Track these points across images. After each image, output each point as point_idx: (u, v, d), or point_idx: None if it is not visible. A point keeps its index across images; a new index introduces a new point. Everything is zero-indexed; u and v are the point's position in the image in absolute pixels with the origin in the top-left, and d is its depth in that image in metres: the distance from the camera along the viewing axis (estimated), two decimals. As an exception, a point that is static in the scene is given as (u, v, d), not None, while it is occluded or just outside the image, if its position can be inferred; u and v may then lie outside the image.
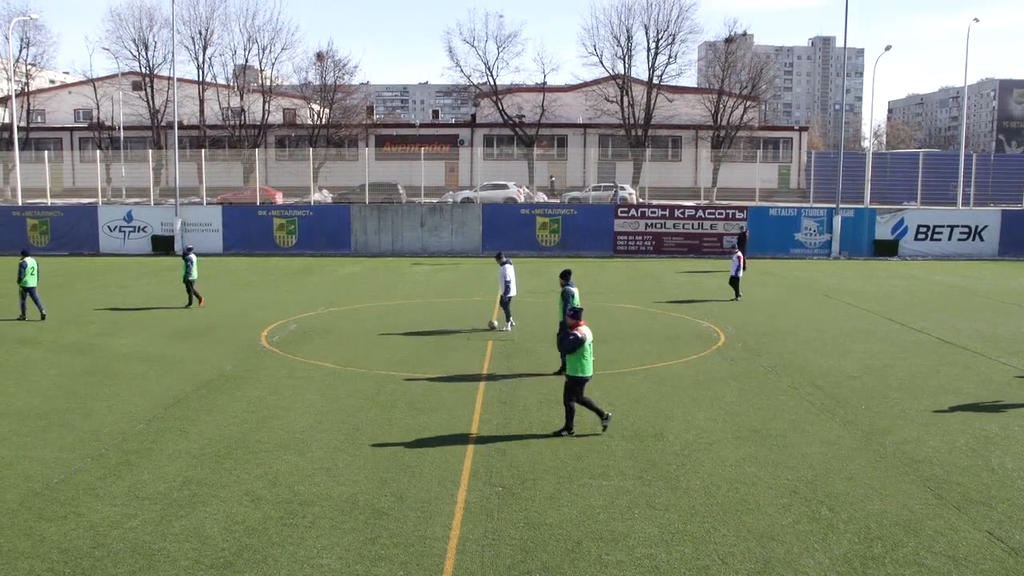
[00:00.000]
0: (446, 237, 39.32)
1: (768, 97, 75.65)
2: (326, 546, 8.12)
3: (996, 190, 46.85)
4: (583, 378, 11.50)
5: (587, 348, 11.42)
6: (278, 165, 56.94)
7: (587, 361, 11.45)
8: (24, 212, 39.73)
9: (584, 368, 11.45)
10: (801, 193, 55.31)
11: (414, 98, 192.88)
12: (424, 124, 70.14)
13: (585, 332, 11.43)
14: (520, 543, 8.22)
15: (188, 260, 22.62)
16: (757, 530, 8.52)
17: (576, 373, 11.48)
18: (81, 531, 8.42)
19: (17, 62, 56.76)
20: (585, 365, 11.44)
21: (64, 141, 63.10)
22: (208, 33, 55.93)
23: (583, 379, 11.50)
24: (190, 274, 22.59)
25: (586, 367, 11.46)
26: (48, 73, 74.54)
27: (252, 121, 56.95)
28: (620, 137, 57.90)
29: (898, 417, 12.54)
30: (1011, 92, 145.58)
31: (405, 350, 17.19)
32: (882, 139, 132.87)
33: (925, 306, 23.64)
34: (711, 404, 13.17)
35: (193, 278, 22.64)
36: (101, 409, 12.79)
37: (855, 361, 16.36)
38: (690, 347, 17.68)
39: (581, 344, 11.31)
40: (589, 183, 53.94)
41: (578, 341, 11.29)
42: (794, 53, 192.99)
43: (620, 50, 57.01)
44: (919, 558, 7.95)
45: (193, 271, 22.64)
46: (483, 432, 11.65)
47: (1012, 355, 16.98)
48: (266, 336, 18.71)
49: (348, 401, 13.26)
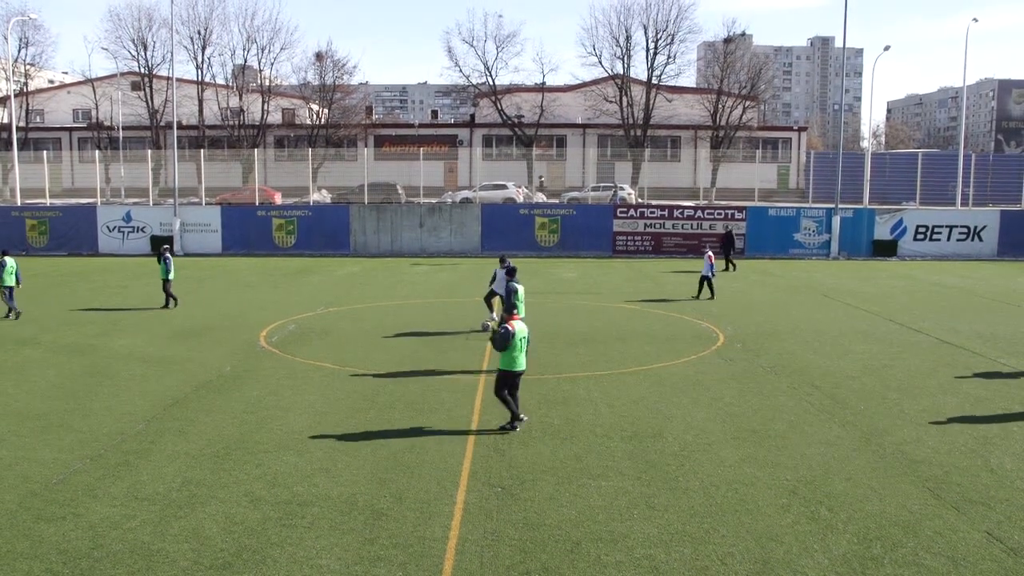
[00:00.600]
0: (445, 237, 39.32)
1: (767, 97, 75.71)
2: (325, 547, 8.12)
3: (995, 190, 46.89)
4: (511, 372, 11.58)
5: (518, 343, 11.50)
6: (277, 165, 56.92)
7: (518, 356, 11.54)
8: (23, 212, 39.71)
9: (514, 363, 11.55)
10: (800, 193, 55.32)
11: (413, 98, 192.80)
12: (423, 124, 70.14)
13: (518, 327, 11.53)
14: (519, 544, 8.22)
15: (166, 260, 22.51)
16: (756, 530, 8.53)
17: (505, 367, 11.58)
18: (80, 532, 8.42)
19: (16, 62, 56.67)
20: (515, 360, 11.54)
21: (63, 141, 63.04)
22: (207, 33, 55.93)
23: (511, 373, 11.59)
24: (168, 273, 22.44)
25: (516, 362, 11.55)
26: (47, 73, 74.43)
27: (251, 121, 56.92)
28: (619, 137, 57.90)
29: (897, 418, 12.54)
30: (1010, 92, 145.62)
31: (404, 350, 17.19)
32: (881, 139, 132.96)
33: (924, 306, 23.65)
34: (710, 405, 13.17)
35: (171, 278, 22.52)
36: (100, 410, 12.78)
37: (854, 361, 16.36)
38: (689, 347, 17.68)
39: (511, 338, 11.38)
40: (588, 183, 53.94)
41: (508, 334, 11.36)
42: (793, 53, 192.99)
43: (619, 50, 57.05)
44: (918, 558, 7.95)
45: (171, 271, 22.55)
46: (482, 432, 11.65)
47: (1011, 355, 16.99)
48: (265, 337, 18.71)
49: (347, 402, 13.26)
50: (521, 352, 11.58)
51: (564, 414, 12.55)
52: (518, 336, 11.51)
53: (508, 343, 11.36)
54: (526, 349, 11.73)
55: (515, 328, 11.48)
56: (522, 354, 11.61)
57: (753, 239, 38.72)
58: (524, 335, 11.65)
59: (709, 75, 65.47)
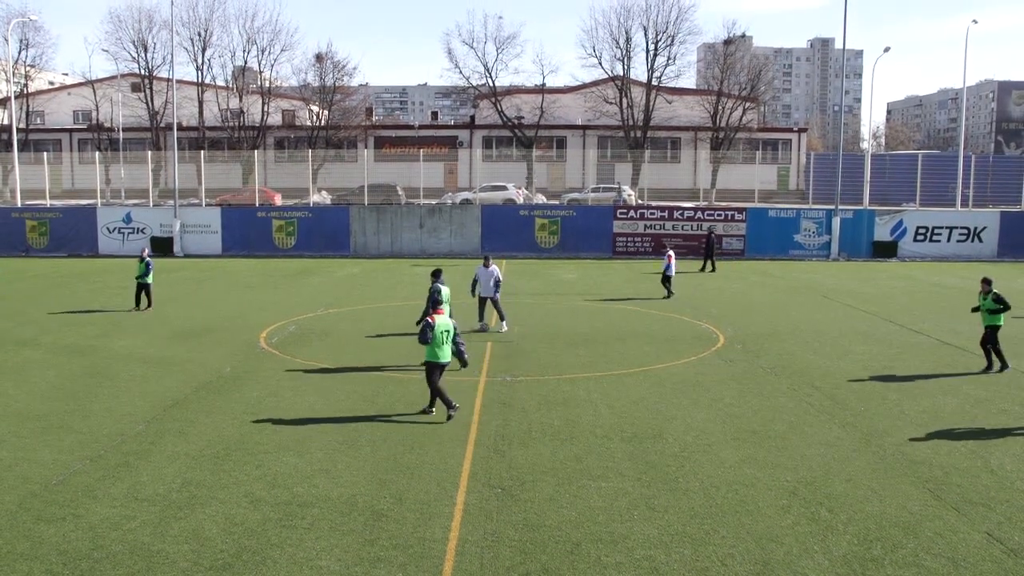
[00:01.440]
0: (445, 238, 39.32)
1: (767, 98, 75.65)
2: (325, 548, 8.11)
3: (995, 191, 46.90)
4: (435, 363, 12.21)
5: (439, 336, 12.14)
6: (277, 166, 56.93)
7: (440, 348, 12.18)
8: (23, 213, 39.71)
9: (436, 355, 12.20)
10: (800, 194, 55.34)
11: (413, 99, 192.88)
12: (423, 125, 70.12)
13: (439, 321, 12.24)
14: (519, 545, 8.22)
15: (148, 262, 22.24)
16: (756, 531, 8.52)
17: (430, 358, 12.25)
18: (80, 533, 8.42)
19: (16, 63, 56.71)
20: (438, 352, 12.18)
21: (63, 142, 63.07)
22: (207, 35, 55.96)
23: (435, 364, 12.21)
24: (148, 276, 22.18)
25: (438, 354, 12.19)
26: (47, 74, 74.51)
27: (251, 122, 56.94)
28: (619, 139, 57.92)
29: (897, 418, 12.54)
30: (1010, 93, 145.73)
31: (404, 351, 17.18)
32: (881, 140, 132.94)
33: (924, 307, 23.65)
34: (710, 405, 13.17)
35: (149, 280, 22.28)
36: (100, 411, 12.78)
37: (854, 362, 16.36)
38: (689, 348, 17.68)
39: (431, 330, 12.05)
40: (588, 185, 53.95)
41: (427, 327, 12.12)
42: (793, 54, 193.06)
43: (619, 51, 57.10)
44: (918, 559, 7.95)
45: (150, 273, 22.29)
46: (482, 433, 11.65)
47: (1011, 356, 16.97)
48: (265, 338, 18.71)
49: (347, 402, 13.26)
50: (444, 344, 12.23)
51: (564, 415, 12.55)
52: (439, 329, 12.16)
53: (428, 336, 12.06)
54: (450, 341, 12.39)
55: (436, 321, 12.19)
56: (445, 346, 12.26)
57: (753, 240, 38.73)
58: (446, 328, 12.32)
59: (709, 76, 65.49)
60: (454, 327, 12.62)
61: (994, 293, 15.64)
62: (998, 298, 15.54)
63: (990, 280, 16.04)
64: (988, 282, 15.97)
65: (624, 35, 56.57)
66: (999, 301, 15.51)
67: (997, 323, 15.64)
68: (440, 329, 12.20)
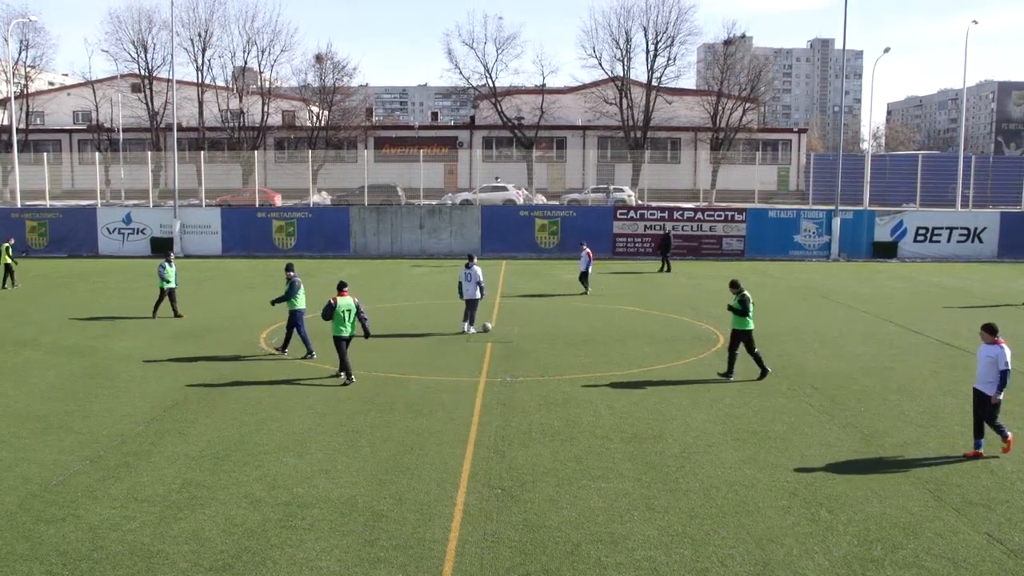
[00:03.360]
0: (445, 239, 39.32)
1: (767, 99, 75.77)
2: (325, 548, 8.11)
3: (995, 192, 46.96)
4: (338, 337, 14.53)
5: (339, 313, 14.43)
6: (277, 167, 56.92)
7: (342, 324, 14.48)
8: (23, 214, 39.71)
9: (340, 330, 14.50)
10: (800, 195, 55.32)
11: (413, 100, 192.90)
12: (423, 126, 70.12)
13: (341, 301, 14.44)
14: (519, 545, 8.22)
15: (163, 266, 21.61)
16: (756, 532, 8.52)
17: (333, 333, 14.56)
18: (80, 533, 8.41)
19: (16, 64, 56.72)
20: (341, 328, 14.48)
21: (63, 143, 63.07)
22: (207, 35, 55.92)
23: (338, 338, 14.53)
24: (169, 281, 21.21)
25: (341, 329, 14.50)
26: (47, 75, 74.56)
27: (251, 123, 56.92)
28: (619, 139, 57.92)
29: (897, 419, 12.54)
30: (1010, 94, 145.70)
31: (404, 352, 17.19)
32: (881, 141, 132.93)
33: (924, 308, 23.65)
34: (710, 406, 13.17)
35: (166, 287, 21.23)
36: (100, 411, 12.78)
37: (854, 363, 16.36)
38: (689, 349, 17.68)
39: (332, 309, 14.38)
40: (588, 185, 53.96)
41: (329, 307, 14.42)
42: (793, 55, 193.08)
43: (619, 52, 57.09)
44: (919, 560, 7.95)
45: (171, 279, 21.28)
46: (482, 434, 11.64)
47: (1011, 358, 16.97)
48: (265, 338, 18.71)
49: (347, 403, 13.25)
50: (346, 322, 14.49)
51: (564, 416, 12.55)
52: (340, 308, 14.43)
53: (330, 314, 14.38)
54: (352, 317, 14.55)
55: (338, 302, 14.43)
56: (347, 323, 14.50)
57: (753, 241, 38.73)
58: (348, 307, 14.51)
59: (709, 77, 65.56)
60: (356, 304, 14.64)
61: (741, 294, 14.78)
62: (742, 300, 14.67)
63: (738, 282, 15.20)
64: (736, 285, 15.11)
65: (624, 36, 56.61)
66: (742, 303, 14.64)
67: (745, 327, 14.73)
68: (341, 308, 14.44)
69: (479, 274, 19.16)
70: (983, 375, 10.70)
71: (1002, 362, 10.51)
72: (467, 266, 19.26)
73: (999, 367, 10.52)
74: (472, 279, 19.08)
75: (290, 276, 17.16)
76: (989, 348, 10.70)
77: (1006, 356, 10.57)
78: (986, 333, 10.80)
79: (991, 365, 10.59)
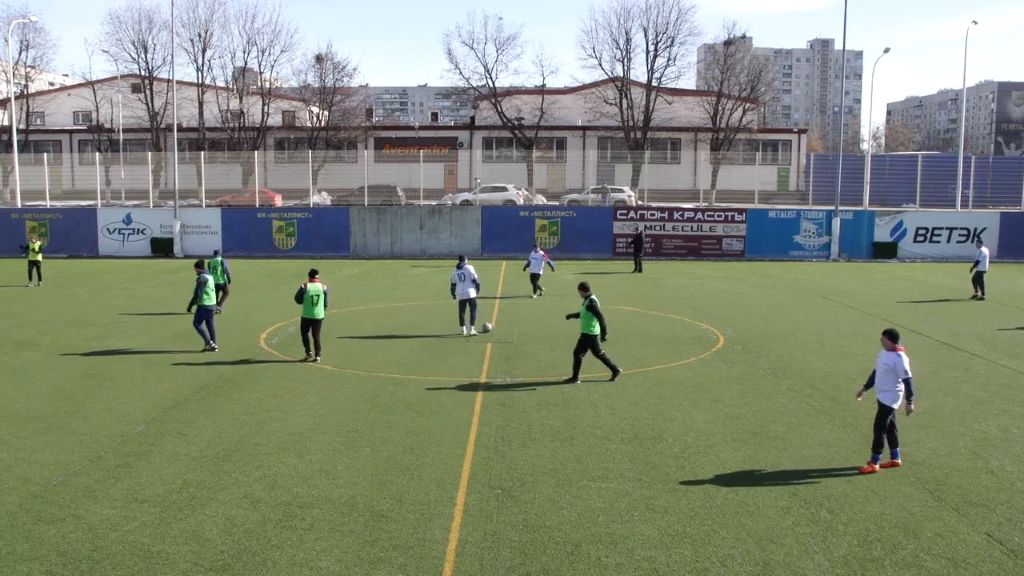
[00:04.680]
0: (445, 239, 39.34)
1: (767, 99, 75.66)
2: (325, 549, 8.11)
3: (995, 192, 46.87)
4: (307, 319, 15.94)
5: (309, 297, 15.83)
6: (277, 167, 56.92)
7: (312, 307, 15.87)
8: (23, 214, 39.73)
9: (308, 312, 15.92)
10: (800, 195, 55.31)
11: (413, 100, 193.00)
12: (423, 126, 70.14)
13: (311, 287, 15.90)
14: (519, 545, 8.22)
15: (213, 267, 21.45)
16: (756, 532, 8.52)
17: (304, 315, 15.98)
18: (80, 534, 8.41)
19: (16, 64, 56.77)
20: (312, 310, 15.89)
21: (63, 143, 63.10)
22: (207, 35, 55.98)
23: (306, 320, 15.94)
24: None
25: (313, 312, 15.91)
26: (47, 75, 74.63)
27: (251, 123, 56.97)
28: (619, 139, 57.96)
29: (897, 419, 12.51)
30: (1009, 94, 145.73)
31: (404, 352, 17.19)
32: (881, 141, 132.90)
33: (924, 308, 23.65)
34: (710, 406, 13.17)
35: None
36: (100, 412, 12.78)
37: (854, 363, 16.36)
38: (689, 349, 17.68)
39: (303, 293, 15.84)
40: (588, 186, 53.98)
41: (301, 291, 15.91)
42: (793, 55, 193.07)
43: (619, 52, 57.19)
44: (919, 560, 7.94)
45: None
46: (482, 434, 11.64)
47: (1011, 357, 16.98)
48: (265, 338, 18.71)
49: (347, 403, 13.25)
50: (316, 305, 15.89)
51: (564, 416, 12.55)
52: (310, 293, 15.85)
53: (301, 298, 15.90)
54: (321, 302, 15.95)
55: (308, 287, 15.89)
56: (317, 307, 15.90)
57: (753, 241, 38.76)
58: (317, 292, 15.94)
59: (709, 77, 65.62)
60: (324, 291, 16.12)
61: (590, 299, 14.50)
62: (591, 305, 14.41)
63: (587, 285, 14.98)
64: (585, 288, 14.88)
65: (624, 36, 56.69)
66: (591, 309, 14.38)
67: (592, 332, 14.44)
68: (311, 293, 15.87)
69: (473, 272, 19.13)
70: (879, 383, 10.33)
71: (901, 371, 10.09)
72: (459, 266, 19.17)
73: (899, 376, 10.12)
74: (467, 278, 19.02)
75: (199, 272, 17.57)
76: (887, 355, 10.27)
77: (904, 364, 10.11)
78: (887, 339, 10.35)
79: (887, 372, 10.21)
